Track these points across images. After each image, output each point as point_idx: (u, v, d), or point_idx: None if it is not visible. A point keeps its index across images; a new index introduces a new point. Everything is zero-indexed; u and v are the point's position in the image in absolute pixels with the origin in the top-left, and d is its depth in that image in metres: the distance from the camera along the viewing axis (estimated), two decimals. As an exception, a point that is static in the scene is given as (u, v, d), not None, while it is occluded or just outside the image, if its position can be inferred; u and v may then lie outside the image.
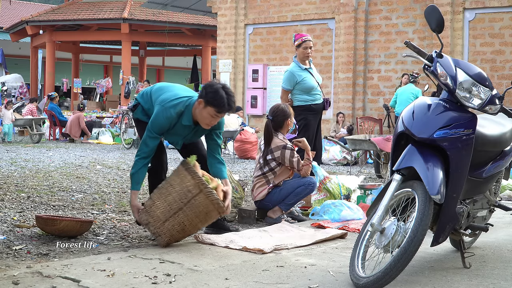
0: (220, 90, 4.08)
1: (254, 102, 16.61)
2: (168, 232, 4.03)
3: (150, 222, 4.06)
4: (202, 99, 4.10)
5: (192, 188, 4.00)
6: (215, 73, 17.90)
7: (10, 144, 14.54)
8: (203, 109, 4.11)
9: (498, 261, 3.84)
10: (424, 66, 3.56)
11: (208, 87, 4.13)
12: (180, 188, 4.03)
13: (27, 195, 6.15)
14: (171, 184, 4.10)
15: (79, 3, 25.46)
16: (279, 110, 5.42)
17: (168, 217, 4.03)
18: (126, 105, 18.31)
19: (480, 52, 13.02)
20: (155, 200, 4.10)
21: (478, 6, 13.00)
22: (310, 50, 6.82)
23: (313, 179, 5.29)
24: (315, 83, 6.87)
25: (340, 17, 14.52)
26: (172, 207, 4.03)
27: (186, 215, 4.02)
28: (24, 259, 3.64)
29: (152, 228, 4.06)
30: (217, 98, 4.06)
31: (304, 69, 6.86)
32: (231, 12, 16.48)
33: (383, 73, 14.13)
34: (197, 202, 3.99)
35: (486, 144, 3.51)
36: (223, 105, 4.07)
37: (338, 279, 3.34)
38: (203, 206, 4.00)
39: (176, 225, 4.02)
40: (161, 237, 4.04)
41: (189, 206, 4.00)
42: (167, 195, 4.06)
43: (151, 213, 4.07)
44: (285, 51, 15.94)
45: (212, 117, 4.13)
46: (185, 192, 4.01)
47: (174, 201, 4.03)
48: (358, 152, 10.83)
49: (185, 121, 4.19)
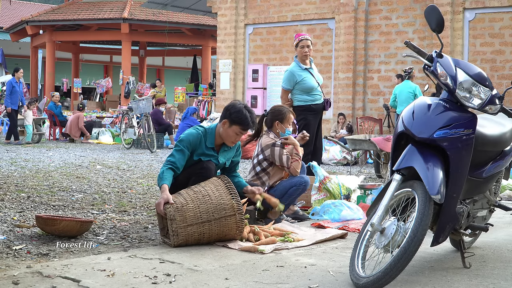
0: (243, 109, 4.51)
1: (254, 102, 16.61)
2: (186, 236, 4.04)
3: (176, 219, 4.02)
4: (226, 119, 4.50)
5: (229, 208, 4.10)
6: (215, 73, 17.91)
7: (30, 145, 14.35)
8: (228, 128, 4.50)
9: (498, 261, 3.84)
10: (424, 66, 3.56)
11: (231, 108, 4.53)
12: (217, 202, 4.11)
13: (27, 195, 6.15)
14: (208, 194, 4.14)
15: (79, 3, 25.47)
16: (275, 109, 5.42)
17: (194, 223, 4.05)
18: (126, 105, 18.32)
19: (480, 52, 13.02)
20: (189, 202, 4.10)
21: (478, 6, 13.00)
22: (308, 49, 6.82)
23: (304, 178, 5.16)
24: (315, 83, 6.86)
25: (340, 17, 14.52)
26: (202, 216, 4.07)
27: (210, 229, 4.09)
28: (24, 259, 3.64)
29: (174, 226, 4.02)
30: (241, 117, 4.48)
31: (304, 69, 6.85)
32: (231, 12, 16.48)
33: (383, 73, 14.13)
34: (226, 222, 4.10)
35: (486, 144, 3.51)
36: (247, 123, 4.51)
37: (338, 279, 3.34)
38: (229, 227, 4.12)
39: (196, 233, 4.07)
40: (177, 237, 4.02)
41: (217, 222, 4.09)
42: (202, 203, 4.10)
43: (180, 212, 4.04)
44: (285, 51, 15.93)
45: (237, 134, 4.52)
46: (220, 208, 4.10)
47: (206, 212, 4.08)
48: (358, 152, 10.84)
49: (209, 143, 4.53)
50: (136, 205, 5.85)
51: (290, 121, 5.39)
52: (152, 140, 13.12)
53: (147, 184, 7.42)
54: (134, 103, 13.82)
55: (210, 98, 19.45)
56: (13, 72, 14.95)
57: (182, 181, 4.46)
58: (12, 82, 14.50)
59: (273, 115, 5.37)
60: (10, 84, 14.48)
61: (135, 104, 13.73)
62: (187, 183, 4.39)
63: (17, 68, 15.01)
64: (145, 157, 11.60)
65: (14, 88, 14.48)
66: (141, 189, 6.98)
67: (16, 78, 14.64)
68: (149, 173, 8.67)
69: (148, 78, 29.40)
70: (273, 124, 5.35)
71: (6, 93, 14.60)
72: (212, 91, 20.46)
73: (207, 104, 19.16)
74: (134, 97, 15.06)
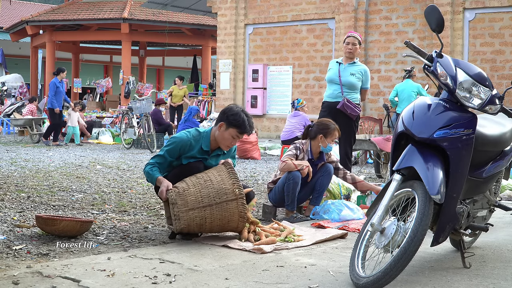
0: (241, 113, 4.45)
1: (254, 102, 16.62)
2: (187, 220, 4.09)
3: (177, 203, 4.08)
4: (223, 122, 4.43)
5: (230, 192, 4.11)
6: (215, 73, 17.91)
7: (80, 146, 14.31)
8: (224, 131, 4.43)
9: (498, 261, 3.84)
10: (424, 66, 3.56)
11: (228, 111, 4.47)
12: (218, 186, 4.14)
13: (27, 195, 6.15)
14: (210, 179, 4.18)
15: (79, 3, 25.48)
16: (322, 123, 5.45)
17: (195, 207, 4.09)
18: (126, 105, 18.32)
19: (480, 52, 13.02)
20: (190, 187, 4.15)
21: (478, 6, 13.00)
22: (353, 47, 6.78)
23: (292, 173, 5.15)
24: (335, 76, 6.77)
25: (340, 17, 14.52)
26: (204, 201, 4.11)
27: (211, 213, 4.11)
28: (24, 259, 3.64)
29: (175, 210, 4.08)
30: (239, 119, 4.41)
31: (337, 62, 6.88)
32: (231, 12, 16.47)
33: (383, 73, 14.13)
34: (227, 206, 4.12)
35: (486, 144, 3.51)
36: (244, 126, 4.43)
37: (338, 279, 3.34)
38: (230, 213, 4.13)
39: (198, 218, 4.10)
40: (179, 222, 4.08)
41: (218, 207, 4.11)
42: (203, 188, 4.14)
43: (181, 196, 4.10)
44: (285, 51, 15.93)
45: (233, 138, 4.45)
46: (221, 193, 4.12)
47: (207, 196, 4.11)
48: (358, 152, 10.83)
49: (205, 146, 4.46)
50: (136, 205, 5.85)
51: (334, 138, 5.41)
52: (152, 140, 13.12)
53: (147, 184, 7.42)
54: (134, 103, 13.82)
55: (210, 98, 19.46)
56: (57, 72, 14.60)
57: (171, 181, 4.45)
58: (56, 83, 14.21)
59: (318, 128, 5.39)
60: (54, 84, 14.19)
61: (135, 104, 13.74)
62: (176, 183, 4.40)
63: (62, 68, 14.69)
64: (145, 157, 11.60)
65: (58, 89, 14.22)
66: (141, 189, 6.98)
67: (59, 78, 14.33)
68: (149, 173, 8.66)
69: (148, 78, 29.42)
70: (316, 137, 5.37)
71: (50, 94, 14.32)
72: (212, 91, 20.48)
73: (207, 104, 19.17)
74: (134, 97, 15.05)
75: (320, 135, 5.34)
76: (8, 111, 18.96)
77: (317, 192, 5.36)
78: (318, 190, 5.35)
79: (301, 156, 5.34)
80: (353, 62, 6.81)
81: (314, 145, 5.40)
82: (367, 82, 6.93)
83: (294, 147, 5.38)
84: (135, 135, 13.70)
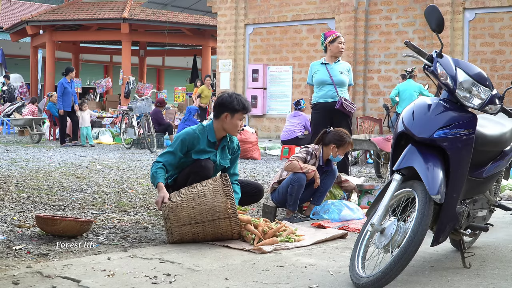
0: (235, 97, 4.63)
1: (254, 102, 16.61)
2: (180, 235, 4.12)
3: (170, 218, 4.10)
4: (227, 113, 4.58)
5: (223, 210, 4.10)
6: (215, 73, 17.91)
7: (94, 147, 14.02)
8: (231, 120, 4.60)
9: (498, 261, 3.84)
10: (424, 66, 3.56)
11: (224, 101, 4.60)
12: (211, 203, 4.12)
13: (27, 195, 6.15)
14: (204, 195, 4.17)
15: (79, 3, 25.47)
16: (339, 133, 5.43)
17: (188, 223, 4.10)
18: (126, 105, 18.32)
19: (480, 52, 13.02)
20: (184, 202, 4.15)
21: (478, 6, 13.00)
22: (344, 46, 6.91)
23: (297, 175, 5.17)
24: (326, 77, 6.81)
25: (340, 17, 14.53)
26: (196, 217, 4.10)
27: (204, 229, 4.12)
28: (24, 259, 3.64)
29: (168, 225, 4.12)
30: (239, 104, 4.60)
31: (322, 63, 6.91)
32: (231, 12, 16.47)
33: (383, 73, 14.13)
34: (220, 224, 4.11)
35: (486, 144, 3.51)
36: (247, 106, 4.65)
37: (338, 279, 3.34)
38: (223, 230, 4.13)
39: (190, 233, 4.12)
40: (171, 236, 4.12)
41: (211, 224, 4.11)
42: (197, 204, 4.13)
43: (174, 212, 4.11)
44: (285, 51, 15.93)
45: (240, 120, 4.64)
46: (213, 211, 4.11)
47: (200, 213, 4.11)
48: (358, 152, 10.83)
49: (211, 137, 4.62)
50: (136, 205, 5.85)
51: (345, 151, 5.46)
52: (152, 140, 13.12)
53: (147, 184, 7.42)
54: (134, 103, 13.82)
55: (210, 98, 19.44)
56: (65, 72, 14.08)
57: (181, 181, 4.51)
58: (64, 83, 13.74)
59: (333, 137, 5.39)
60: (62, 85, 13.71)
61: (135, 104, 13.73)
62: (186, 183, 4.42)
63: (71, 68, 14.28)
64: (145, 157, 11.60)
65: (66, 89, 13.79)
66: (141, 189, 6.98)
67: (68, 79, 13.87)
68: (149, 173, 8.66)
69: (148, 78, 29.41)
70: (329, 145, 5.38)
71: (58, 95, 13.91)
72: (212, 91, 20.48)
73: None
74: (134, 97, 15.05)
75: (333, 145, 5.36)
76: (8, 111, 18.96)
77: (320, 191, 5.36)
78: (321, 190, 5.35)
79: (312, 161, 5.34)
80: (338, 61, 6.99)
81: (325, 151, 5.42)
82: (351, 79, 7.12)
83: (306, 151, 5.37)
84: (135, 135, 13.70)
